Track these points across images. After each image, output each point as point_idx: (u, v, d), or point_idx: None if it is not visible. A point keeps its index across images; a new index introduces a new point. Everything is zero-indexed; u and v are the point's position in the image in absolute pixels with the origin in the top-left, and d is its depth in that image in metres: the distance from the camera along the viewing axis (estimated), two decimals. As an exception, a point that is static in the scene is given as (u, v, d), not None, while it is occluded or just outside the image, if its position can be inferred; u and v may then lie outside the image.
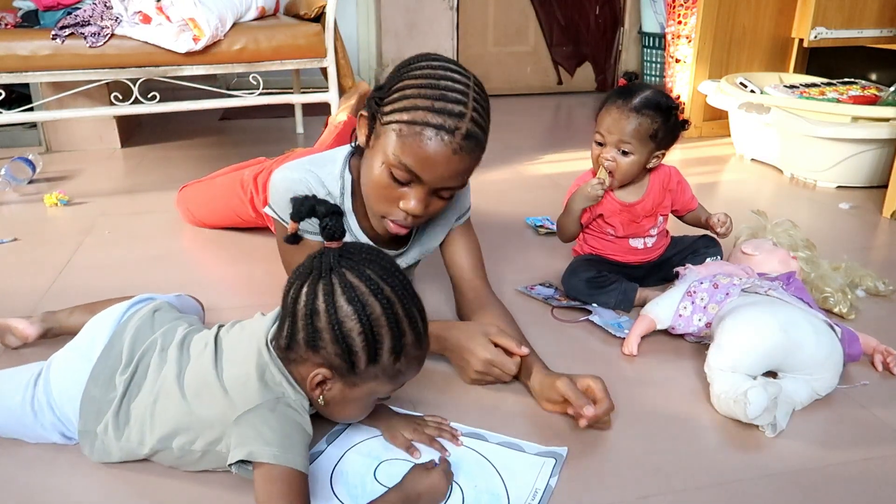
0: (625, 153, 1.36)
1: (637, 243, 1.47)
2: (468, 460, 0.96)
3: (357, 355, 0.80)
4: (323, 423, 1.01)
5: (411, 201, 1.04)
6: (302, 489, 0.80)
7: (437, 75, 1.01)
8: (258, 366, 0.85)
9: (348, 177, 1.16)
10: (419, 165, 1.00)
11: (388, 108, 1.02)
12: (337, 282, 0.79)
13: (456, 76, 1.02)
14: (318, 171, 1.15)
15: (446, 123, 0.98)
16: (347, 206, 1.16)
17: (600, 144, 1.38)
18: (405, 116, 0.99)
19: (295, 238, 0.86)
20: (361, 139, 1.10)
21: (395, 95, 1.02)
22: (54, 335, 1.18)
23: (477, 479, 0.93)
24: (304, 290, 0.80)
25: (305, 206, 0.81)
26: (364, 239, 1.18)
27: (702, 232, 1.56)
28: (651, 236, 1.47)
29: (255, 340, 0.87)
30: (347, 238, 0.85)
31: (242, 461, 0.81)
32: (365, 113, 1.09)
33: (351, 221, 1.18)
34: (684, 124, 1.39)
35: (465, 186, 1.15)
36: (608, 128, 1.36)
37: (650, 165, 1.40)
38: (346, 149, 1.20)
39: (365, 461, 0.94)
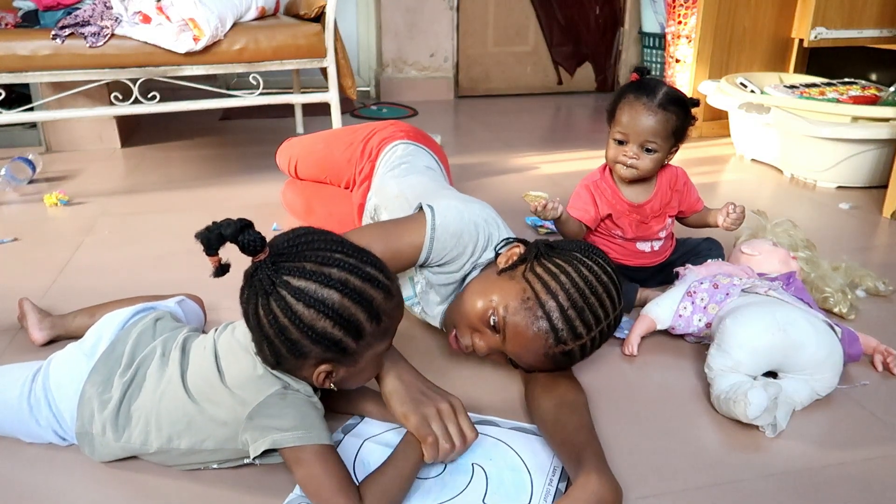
0: (648, 150, 1.35)
1: (644, 247, 1.46)
2: (484, 444, 0.97)
3: (343, 342, 0.81)
4: (336, 416, 1.02)
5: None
6: (336, 459, 0.83)
7: (595, 289, 0.98)
8: (257, 360, 0.86)
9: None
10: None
11: (538, 269, 1.00)
12: (286, 293, 0.78)
13: (606, 303, 1.00)
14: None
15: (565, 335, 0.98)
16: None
17: (620, 143, 1.36)
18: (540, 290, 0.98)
19: (223, 270, 0.79)
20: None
21: (554, 271, 0.99)
22: (61, 340, 1.21)
23: (496, 459, 0.95)
24: (261, 311, 0.80)
25: (213, 236, 0.76)
26: None
27: (705, 234, 1.55)
28: (659, 239, 1.47)
29: (247, 340, 0.87)
30: None
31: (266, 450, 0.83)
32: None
33: None
34: (693, 119, 1.38)
35: None
36: (631, 125, 1.33)
37: (665, 161, 1.40)
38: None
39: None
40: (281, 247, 0.81)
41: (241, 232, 0.77)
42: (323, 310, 0.78)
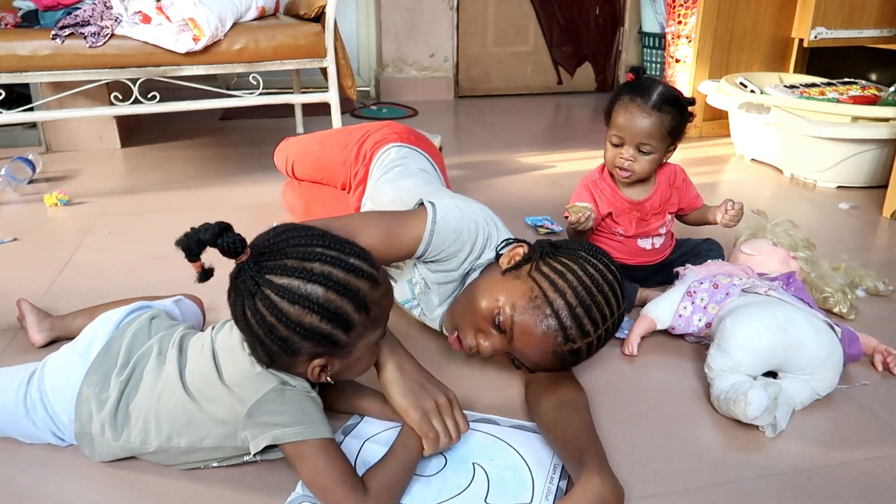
0: (644, 152, 1.35)
1: (645, 244, 1.46)
2: (484, 443, 0.98)
3: (332, 335, 0.81)
4: (336, 416, 1.02)
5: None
6: (338, 453, 0.84)
7: (601, 287, 0.99)
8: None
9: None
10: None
11: (544, 269, 1.00)
12: (270, 292, 0.78)
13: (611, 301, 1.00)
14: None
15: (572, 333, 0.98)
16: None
17: (616, 145, 1.37)
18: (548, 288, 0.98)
19: (206, 275, 0.79)
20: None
21: (560, 269, 0.99)
22: (61, 341, 1.20)
23: (496, 458, 0.95)
24: (248, 312, 0.80)
25: (193, 242, 0.76)
26: None
27: (705, 234, 1.55)
28: (659, 235, 1.47)
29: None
30: None
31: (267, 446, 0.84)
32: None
33: None
34: (691, 116, 1.38)
35: None
36: (627, 127, 1.34)
37: (663, 160, 1.40)
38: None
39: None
40: (262, 246, 0.81)
41: (219, 235, 0.76)
42: (308, 305, 0.78)
